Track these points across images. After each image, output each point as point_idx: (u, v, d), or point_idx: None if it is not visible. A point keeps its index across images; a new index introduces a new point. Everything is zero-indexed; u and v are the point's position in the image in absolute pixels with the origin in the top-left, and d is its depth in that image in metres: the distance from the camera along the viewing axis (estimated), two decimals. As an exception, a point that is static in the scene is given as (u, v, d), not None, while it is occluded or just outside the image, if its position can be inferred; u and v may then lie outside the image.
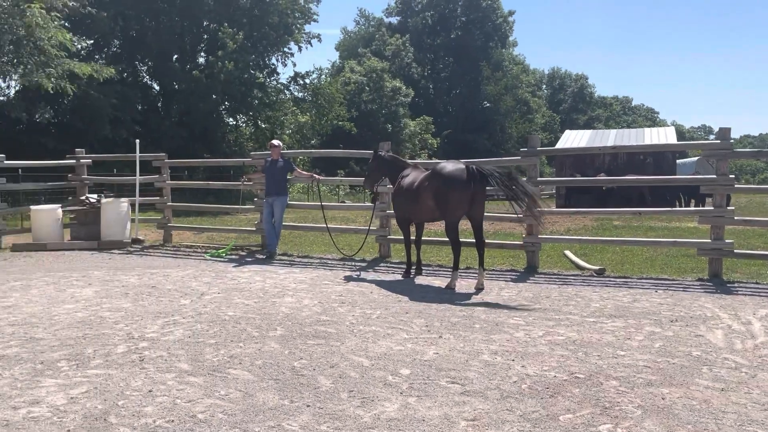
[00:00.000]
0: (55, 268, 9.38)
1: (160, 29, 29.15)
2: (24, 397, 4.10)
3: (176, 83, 28.46)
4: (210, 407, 3.94)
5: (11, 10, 17.51)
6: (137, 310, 6.56)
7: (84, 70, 19.54)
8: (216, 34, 28.46)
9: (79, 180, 13.14)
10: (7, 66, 19.29)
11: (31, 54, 18.42)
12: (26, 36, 17.95)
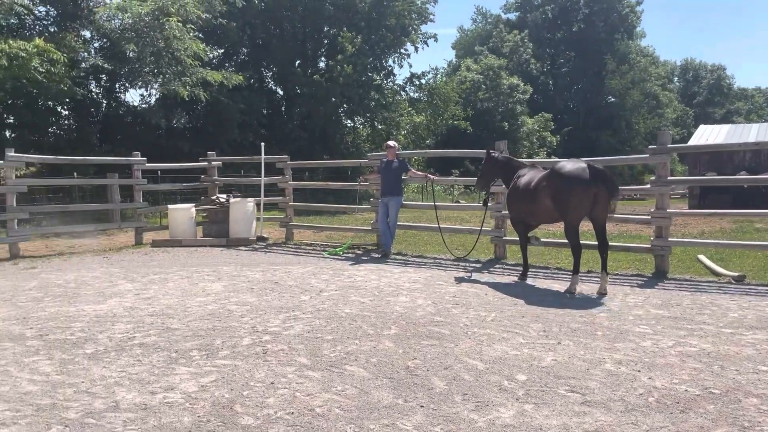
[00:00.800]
0: (189, 263, 10.07)
1: (284, 36, 30.55)
2: (160, 383, 4.43)
3: (298, 88, 29.66)
4: (327, 402, 4.05)
5: (152, 24, 19.07)
6: (261, 305, 6.89)
7: (215, 77, 20.90)
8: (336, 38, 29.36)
9: (210, 181, 14.06)
10: (149, 76, 21.05)
11: (169, 64, 19.98)
12: (165, 48, 19.48)
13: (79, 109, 22.74)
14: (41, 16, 21.77)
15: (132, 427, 3.70)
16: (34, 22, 21.47)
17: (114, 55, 20.82)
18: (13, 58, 15.64)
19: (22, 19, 20.05)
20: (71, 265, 9.90)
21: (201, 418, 3.82)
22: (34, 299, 7.28)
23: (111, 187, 14.57)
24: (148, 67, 20.70)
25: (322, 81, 28.20)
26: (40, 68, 16.24)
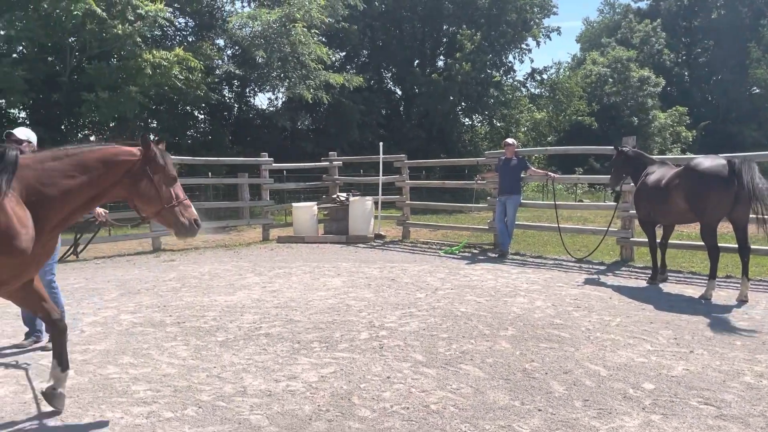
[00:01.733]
0: (311, 259, 10.48)
1: (403, 37, 30.92)
2: (284, 372, 4.65)
3: (416, 87, 29.89)
4: (442, 399, 4.05)
5: (280, 30, 20.03)
6: (378, 301, 7.02)
7: (337, 80, 21.58)
8: (454, 36, 29.26)
9: (331, 180, 14.53)
10: (276, 80, 22.13)
11: (294, 69, 20.89)
12: (291, 53, 20.40)
13: (213, 113, 24.39)
14: (181, 27, 23.61)
15: (258, 412, 3.91)
16: (174, 33, 23.32)
17: (245, 62, 22.11)
18: (156, 66, 17.07)
19: (164, 30, 21.84)
20: (205, 259, 10.63)
21: (320, 407, 3.96)
22: (173, 289, 7.90)
23: (241, 186, 15.49)
24: (275, 72, 21.77)
25: (441, 80, 28.21)
26: (180, 76, 17.60)
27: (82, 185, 3.88)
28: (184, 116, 22.62)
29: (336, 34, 26.22)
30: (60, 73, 18.65)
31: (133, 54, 16.99)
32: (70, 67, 18.45)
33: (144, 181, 4.02)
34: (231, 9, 24.08)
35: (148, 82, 17.09)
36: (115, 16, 16.69)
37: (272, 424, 3.72)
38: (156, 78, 17.11)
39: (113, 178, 3.98)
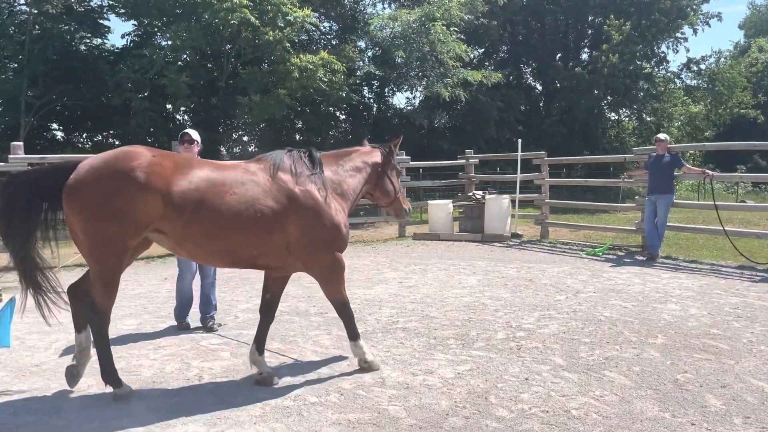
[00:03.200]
0: (446, 256, 10.51)
1: (545, 30, 29.97)
2: (420, 366, 4.72)
3: (558, 82, 28.83)
4: (584, 405, 3.90)
5: (419, 30, 20.24)
6: (515, 301, 6.89)
7: (475, 77, 21.41)
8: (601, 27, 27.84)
9: (467, 178, 14.47)
10: (414, 80, 22.40)
11: (432, 67, 21.01)
12: (429, 51, 20.53)
13: (353, 113, 25.20)
14: (325, 31, 24.61)
15: (396, 404, 4.01)
16: (319, 37, 24.38)
17: (384, 62, 22.60)
18: (303, 70, 17.96)
19: (310, 35, 22.93)
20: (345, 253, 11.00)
21: (457, 403, 3.98)
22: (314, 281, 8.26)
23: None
24: (414, 71, 22.03)
25: (585, 73, 26.98)
26: (324, 78, 18.38)
27: (359, 183, 4.77)
28: (327, 116, 23.57)
29: (474, 30, 25.97)
30: (218, 78, 20.24)
31: (282, 58, 18.00)
32: (227, 73, 19.96)
33: (386, 175, 4.95)
34: (372, 11, 24.76)
35: (295, 84, 18.03)
36: (267, 23, 17.77)
37: (410, 416, 3.80)
38: (302, 81, 18.00)
39: (373, 176, 4.88)
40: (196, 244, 4.11)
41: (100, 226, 3.82)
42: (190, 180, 3.99)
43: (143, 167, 3.89)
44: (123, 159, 3.93)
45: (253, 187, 4.16)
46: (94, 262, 3.95)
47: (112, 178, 3.84)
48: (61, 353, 5.16)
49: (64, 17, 19.77)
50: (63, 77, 19.61)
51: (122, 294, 7.47)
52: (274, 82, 18.60)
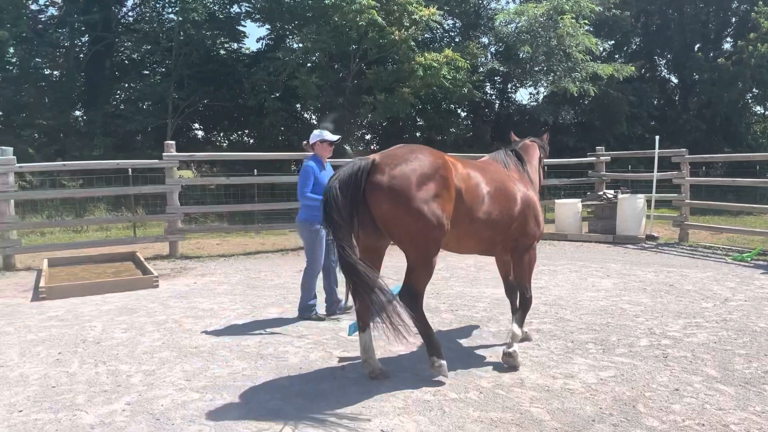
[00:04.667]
0: (575, 258, 10.18)
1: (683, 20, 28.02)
2: (560, 369, 4.63)
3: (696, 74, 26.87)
4: (744, 421, 3.66)
5: (546, 24, 19.70)
6: (656, 307, 6.56)
7: (606, 71, 20.50)
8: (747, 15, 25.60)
9: (597, 176, 13.90)
10: (539, 75, 21.82)
11: (560, 62, 20.36)
12: (557, 46, 19.92)
13: (475, 110, 25.01)
14: (448, 28, 24.60)
15: (538, 405, 3.97)
16: (442, 35, 24.40)
17: (508, 58, 22.22)
18: (427, 68, 18.08)
19: (434, 33, 23.01)
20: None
21: (603, 410, 3.87)
22: (443, 278, 8.35)
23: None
24: (539, 66, 21.48)
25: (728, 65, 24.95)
26: (448, 75, 18.39)
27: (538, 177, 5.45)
28: (448, 114, 23.55)
29: (604, 22, 24.86)
30: (344, 78, 20.86)
31: (407, 57, 18.23)
32: (353, 73, 20.52)
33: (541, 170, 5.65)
34: (497, 6, 24.39)
35: (419, 83, 18.21)
36: (392, 23, 18.08)
37: (554, 419, 3.75)
38: (426, 79, 18.13)
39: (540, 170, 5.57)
40: (470, 236, 4.61)
41: (425, 219, 4.14)
42: (474, 177, 4.56)
43: (450, 166, 4.38)
44: (435, 158, 4.33)
45: (510, 183, 4.85)
46: (417, 251, 4.29)
47: (434, 176, 4.22)
48: (214, 336, 5.59)
49: (206, 24, 21.24)
50: (205, 80, 21.08)
51: (263, 284, 7.98)
52: (399, 80, 18.88)
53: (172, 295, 7.37)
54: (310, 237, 6.15)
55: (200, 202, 15.81)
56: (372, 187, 4.15)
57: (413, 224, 4.14)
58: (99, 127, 19.77)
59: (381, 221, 4.21)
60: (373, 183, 4.15)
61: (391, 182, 4.11)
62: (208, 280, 8.36)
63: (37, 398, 4.16)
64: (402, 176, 4.14)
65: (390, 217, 4.16)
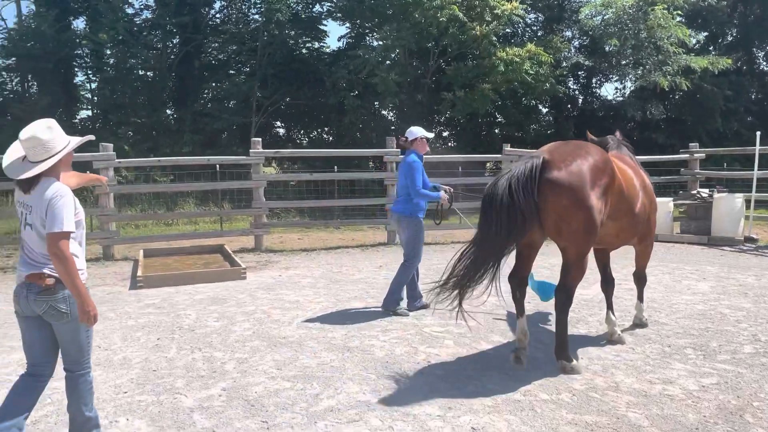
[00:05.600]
0: (667, 259, 9.71)
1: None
2: (657, 374, 4.43)
3: (800, 65, 25.13)
4: None
5: (635, 15, 18.92)
6: (760, 312, 6.16)
7: (700, 63, 19.47)
8: None
9: (691, 174, 13.22)
10: (627, 68, 21.00)
11: (649, 54, 19.51)
12: (647, 38, 19.10)
13: (557, 105, 24.36)
14: (531, 22, 24.08)
15: (635, 411, 3.81)
16: (524, 29, 23.92)
17: (594, 51, 21.52)
18: (509, 63, 17.79)
19: (515, 27, 22.60)
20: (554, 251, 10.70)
21: (707, 418, 3.67)
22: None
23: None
24: (626, 60, 20.68)
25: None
26: (530, 70, 18.01)
27: None
28: (529, 110, 23.08)
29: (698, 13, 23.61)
30: (423, 75, 20.84)
31: (488, 53, 17.99)
32: (432, 70, 20.47)
33: None
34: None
35: (500, 79, 17.94)
36: (474, 18, 17.89)
37: (653, 426, 3.58)
38: (507, 74, 17.84)
39: None
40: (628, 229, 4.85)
41: (593, 216, 4.25)
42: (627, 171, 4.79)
43: (612, 162, 4.55)
44: (602, 154, 4.51)
45: (644, 174, 5.16)
46: (578, 247, 4.37)
47: (605, 172, 4.37)
48: (302, 327, 5.71)
49: (289, 24, 21.76)
50: (287, 79, 21.61)
51: (345, 278, 8.08)
52: (479, 76, 18.66)
53: (259, 287, 7.59)
54: (415, 231, 6.17)
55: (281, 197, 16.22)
56: (550, 184, 4.21)
57: (585, 220, 4.23)
58: (188, 124, 20.66)
59: (555, 217, 4.28)
60: (551, 180, 4.21)
61: (570, 179, 4.20)
62: (292, 273, 8.55)
63: (139, 381, 4.38)
64: (579, 173, 4.23)
65: (566, 213, 4.23)
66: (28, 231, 3.09)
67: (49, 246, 2.99)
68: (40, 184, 3.04)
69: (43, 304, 3.06)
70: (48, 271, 3.06)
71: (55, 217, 2.97)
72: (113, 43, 21.05)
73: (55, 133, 3.10)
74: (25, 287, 3.09)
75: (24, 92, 22.67)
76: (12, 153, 3.13)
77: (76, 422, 3.31)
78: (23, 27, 22.33)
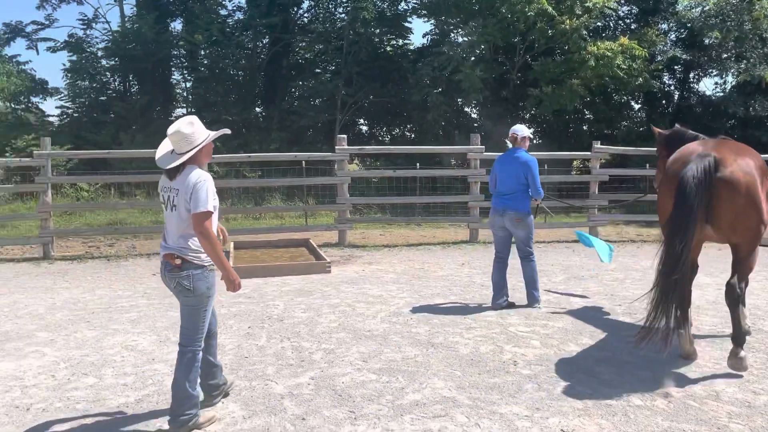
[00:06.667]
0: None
1: None
2: (762, 385, 4.19)
3: None
4: None
5: (738, 6, 17.79)
6: None
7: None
8: None
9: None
10: (728, 62, 19.78)
11: (754, 47, 18.30)
12: (751, 30, 17.91)
13: (650, 101, 23.27)
14: (623, 14, 23.11)
15: (738, 422, 3.61)
16: (616, 22, 23.00)
17: (692, 45, 20.40)
18: (599, 58, 17.15)
19: (607, 20, 21.76)
20: (644, 253, 10.27)
21: (821, 435, 3.41)
22: (616, 280, 7.88)
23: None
24: (728, 53, 19.48)
25: None
26: (622, 65, 17.30)
27: None
28: (620, 106, 22.19)
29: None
30: (509, 71, 20.48)
31: (577, 47, 17.43)
32: (518, 65, 20.07)
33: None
34: (680, -10, 22.48)
35: (590, 73, 17.35)
36: (563, 12, 17.38)
37: (759, 440, 3.38)
38: (598, 69, 17.22)
39: None
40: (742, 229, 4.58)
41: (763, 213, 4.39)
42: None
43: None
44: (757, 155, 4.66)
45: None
46: (751, 244, 4.51)
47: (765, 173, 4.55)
48: (386, 321, 5.76)
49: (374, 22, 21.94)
50: (372, 76, 21.81)
51: (428, 275, 8.08)
52: (567, 72, 18.13)
53: (343, 281, 7.72)
54: (531, 227, 6.30)
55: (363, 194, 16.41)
56: (726, 183, 4.30)
57: (758, 218, 4.36)
58: (276, 122, 21.29)
59: (732, 216, 4.35)
60: (727, 178, 4.30)
61: (746, 178, 4.32)
62: (375, 269, 8.65)
63: (233, 366, 4.57)
64: (750, 172, 4.36)
65: (742, 211, 4.33)
66: (172, 213, 3.52)
67: (195, 225, 3.42)
68: (184, 171, 3.50)
69: (173, 280, 3.53)
70: (178, 253, 3.49)
71: (198, 199, 3.41)
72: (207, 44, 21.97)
73: (196, 128, 3.54)
74: (162, 264, 3.60)
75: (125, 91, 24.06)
76: (162, 148, 3.60)
77: (178, 398, 3.50)
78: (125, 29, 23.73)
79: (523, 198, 6.18)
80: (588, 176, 12.43)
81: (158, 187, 3.68)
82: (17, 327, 5.77)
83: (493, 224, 6.36)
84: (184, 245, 3.50)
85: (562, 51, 19.21)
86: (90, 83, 22.97)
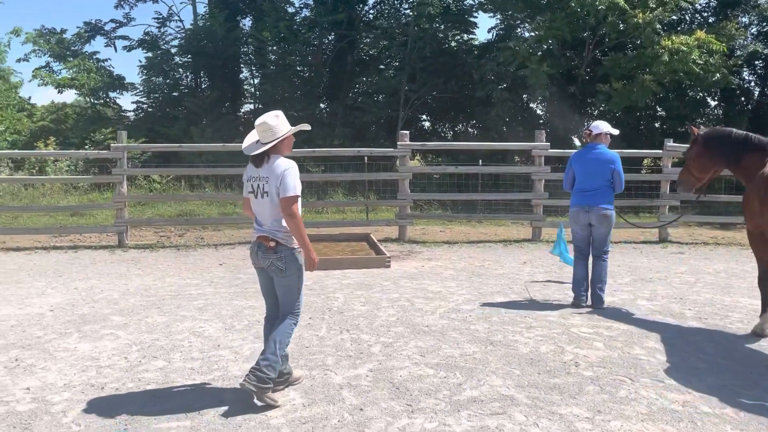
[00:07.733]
0: None
1: None
2: (844, 398, 3.93)
3: None
4: None
5: (828, -4, 16.71)
6: None
7: None
8: None
9: None
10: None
11: None
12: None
13: (729, 98, 22.19)
14: (701, 8, 22.13)
15: (816, 436, 3.41)
16: (693, 15, 22.04)
17: (774, 38, 19.37)
18: (674, 52, 16.48)
19: (683, 13, 20.89)
20: (717, 256, 9.82)
21: None
22: (686, 283, 7.58)
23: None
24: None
25: None
26: (699, 60, 16.56)
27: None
28: (695, 103, 21.26)
29: None
30: (577, 66, 19.96)
31: (650, 41, 16.81)
32: (587, 61, 19.54)
33: None
34: (762, -19, 21.32)
35: (663, 69, 16.70)
36: (636, 5, 16.80)
37: (839, 456, 3.19)
38: (672, 64, 16.56)
39: None
40: None
41: None
42: None
43: None
44: None
45: None
46: None
47: None
48: (444, 317, 5.75)
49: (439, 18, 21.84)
50: (435, 72, 21.73)
51: (488, 273, 8.01)
52: (639, 67, 17.51)
53: (402, 276, 7.75)
54: (612, 225, 6.24)
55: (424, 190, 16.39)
56: None
57: None
58: (340, 118, 21.53)
59: None
60: None
61: None
62: (434, 265, 8.63)
63: (293, 355, 4.67)
64: None
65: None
66: (263, 199, 3.81)
67: (283, 208, 3.73)
68: (270, 160, 3.80)
69: (267, 260, 3.84)
70: (271, 236, 3.80)
71: (287, 184, 3.73)
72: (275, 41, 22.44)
73: (280, 120, 3.84)
74: (256, 245, 3.88)
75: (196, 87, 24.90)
76: (249, 138, 3.93)
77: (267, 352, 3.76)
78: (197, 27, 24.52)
79: (608, 194, 6.14)
80: (659, 175, 12.00)
81: (243, 178, 3.97)
82: (94, 311, 6.09)
83: (577, 221, 6.25)
84: (278, 228, 3.81)
85: (634, 45, 18.59)
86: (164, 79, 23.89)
